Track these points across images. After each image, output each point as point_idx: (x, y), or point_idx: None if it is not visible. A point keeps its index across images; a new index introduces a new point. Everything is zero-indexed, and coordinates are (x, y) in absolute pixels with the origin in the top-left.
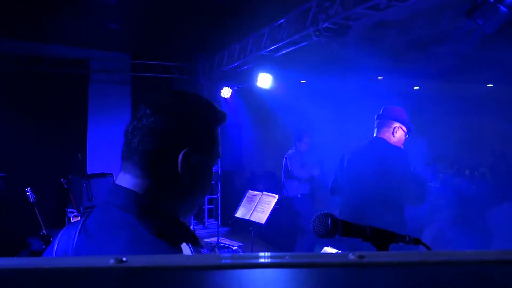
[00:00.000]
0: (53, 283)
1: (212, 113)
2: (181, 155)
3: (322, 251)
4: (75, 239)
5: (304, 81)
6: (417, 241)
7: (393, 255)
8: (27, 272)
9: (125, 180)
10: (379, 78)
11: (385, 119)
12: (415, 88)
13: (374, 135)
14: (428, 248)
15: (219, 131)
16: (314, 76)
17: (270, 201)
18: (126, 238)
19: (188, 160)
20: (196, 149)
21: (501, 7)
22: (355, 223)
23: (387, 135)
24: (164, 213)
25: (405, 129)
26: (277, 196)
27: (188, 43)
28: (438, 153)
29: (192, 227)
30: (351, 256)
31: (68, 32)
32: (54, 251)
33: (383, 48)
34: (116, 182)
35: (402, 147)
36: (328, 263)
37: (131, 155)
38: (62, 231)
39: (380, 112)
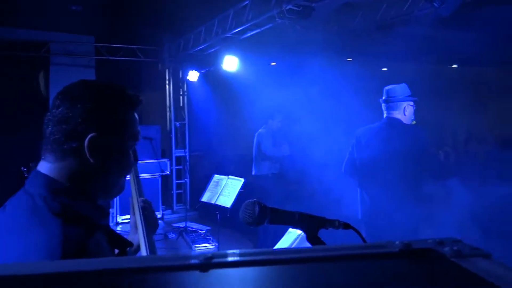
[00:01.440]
0: None
1: (119, 98)
2: (86, 140)
3: (288, 232)
4: None
5: (274, 63)
6: (347, 226)
7: (245, 254)
8: None
9: (42, 166)
10: (348, 59)
11: (393, 102)
12: (383, 69)
13: (384, 116)
14: (358, 232)
15: (135, 114)
16: (284, 58)
17: (235, 185)
18: (23, 218)
19: (95, 144)
20: (104, 133)
21: None
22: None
23: (399, 116)
24: (75, 193)
25: (412, 103)
26: (242, 179)
27: (153, 25)
28: None
29: (160, 212)
30: (201, 257)
31: (26, 14)
32: None
33: (351, 30)
34: (36, 168)
35: (414, 121)
36: (172, 267)
37: (46, 143)
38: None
39: (384, 96)
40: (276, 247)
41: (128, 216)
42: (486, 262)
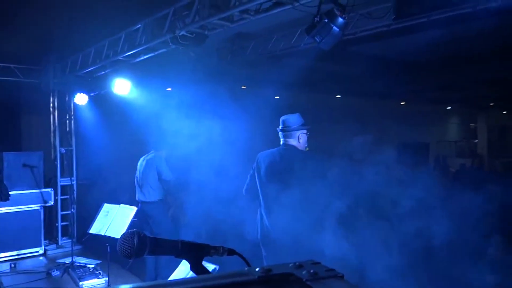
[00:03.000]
0: None
1: None
2: None
3: (182, 262)
4: None
5: (170, 89)
6: (232, 252)
7: None
8: None
9: None
10: (243, 87)
11: (288, 132)
12: (275, 97)
13: (281, 143)
14: (242, 258)
15: None
16: (180, 84)
17: (127, 214)
18: None
19: None
20: None
21: (334, 27)
22: (198, 241)
23: (294, 143)
24: None
25: (305, 131)
26: (135, 208)
27: (35, 42)
28: None
29: (43, 248)
30: None
31: None
32: None
33: (244, 59)
34: None
35: (307, 147)
36: None
37: None
38: None
39: (281, 126)
40: (172, 276)
41: (6, 254)
42: (339, 283)
